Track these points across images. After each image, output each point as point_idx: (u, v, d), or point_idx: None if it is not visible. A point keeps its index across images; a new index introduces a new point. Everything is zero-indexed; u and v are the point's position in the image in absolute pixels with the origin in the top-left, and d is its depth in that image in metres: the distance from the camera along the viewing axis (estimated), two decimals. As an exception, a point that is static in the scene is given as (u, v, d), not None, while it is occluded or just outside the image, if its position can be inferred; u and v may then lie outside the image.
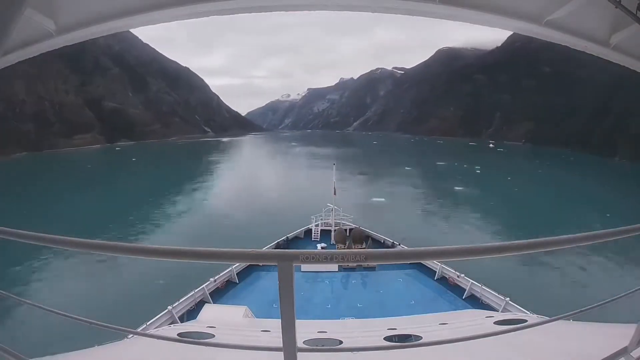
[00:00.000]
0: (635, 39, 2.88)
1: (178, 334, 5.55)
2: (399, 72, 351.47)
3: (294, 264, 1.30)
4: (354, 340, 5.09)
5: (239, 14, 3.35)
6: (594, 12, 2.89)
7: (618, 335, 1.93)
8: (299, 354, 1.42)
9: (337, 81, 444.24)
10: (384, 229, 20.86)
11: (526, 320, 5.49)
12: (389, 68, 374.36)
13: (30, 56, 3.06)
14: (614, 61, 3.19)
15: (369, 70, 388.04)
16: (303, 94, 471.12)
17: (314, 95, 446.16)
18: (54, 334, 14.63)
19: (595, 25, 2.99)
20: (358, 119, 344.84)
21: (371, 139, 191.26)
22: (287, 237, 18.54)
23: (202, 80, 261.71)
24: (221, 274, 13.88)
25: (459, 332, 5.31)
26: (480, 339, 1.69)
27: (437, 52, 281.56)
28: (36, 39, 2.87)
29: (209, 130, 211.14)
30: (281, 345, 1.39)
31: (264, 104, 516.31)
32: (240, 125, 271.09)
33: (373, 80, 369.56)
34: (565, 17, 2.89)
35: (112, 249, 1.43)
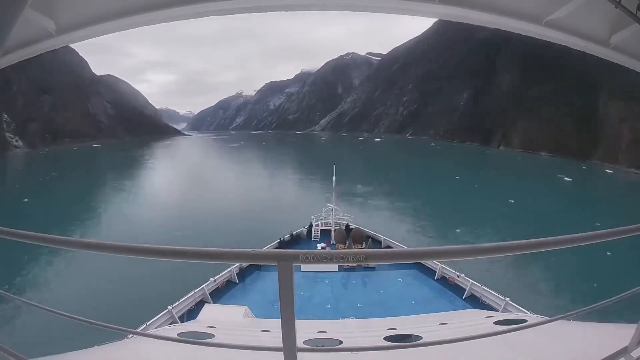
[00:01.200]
0: (635, 39, 2.88)
1: (178, 334, 5.56)
2: (374, 58, 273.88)
3: (294, 264, 1.30)
4: (354, 340, 5.09)
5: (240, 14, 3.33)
6: (594, 12, 2.89)
7: (618, 335, 1.93)
8: (299, 354, 1.41)
9: (299, 72, 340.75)
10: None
11: (526, 320, 5.50)
12: (362, 53, 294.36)
13: (30, 56, 3.06)
14: (614, 61, 3.20)
15: (337, 56, 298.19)
16: (258, 89, 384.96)
17: (271, 89, 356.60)
18: (54, 334, 14.63)
19: (595, 25, 2.99)
20: (327, 115, 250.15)
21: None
22: (287, 237, 18.55)
23: (77, 55, 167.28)
24: (221, 274, 13.89)
25: (459, 332, 5.31)
26: (480, 339, 1.69)
27: (436, 22, 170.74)
28: (36, 39, 2.88)
29: (17, 142, 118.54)
30: (281, 345, 1.39)
31: (214, 102, 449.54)
32: (135, 127, 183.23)
33: (343, 67, 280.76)
34: (565, 17, 2.89)
35: (112, 249, 1.43)
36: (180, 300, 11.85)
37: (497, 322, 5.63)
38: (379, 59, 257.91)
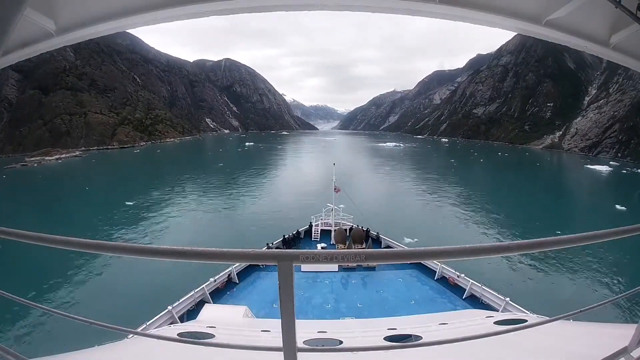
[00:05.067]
0: (635, 39, 2.88)
1: (178, 334, 5.55)
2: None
3: (294, 264, 1.29)
4: (354, 340, 5.09)
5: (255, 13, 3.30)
6: (594, 12, 2.89)
7: (618, 335, 1.93)
8: (299, 354, 1.41)
9: (474, 56, 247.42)
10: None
11: (526, 320, 5.50)
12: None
13: (30, 56, 3.05)
14: (614, 61, 3.19)
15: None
16: (420, 80, 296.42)
17: (436, 80, 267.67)
18: (54, 334, 14.64)
19: (595, 25, 2.99)
20: (587, 108, 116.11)
21: None
22: (287, 237, 18.55)
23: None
24: (221, 274, 13.90)
25: (459, 332, 5.30)
26: (481, 339, 1.69)
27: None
28: (36, 39, 2.87)
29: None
30: (281, 345, 1.38)
31: (369, 99, 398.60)
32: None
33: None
34: (565, 17, 2.89)
35: (112, 249, 1.43)
36: (180, 300, 11.85)
37: (497, 322, 5.63)
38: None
